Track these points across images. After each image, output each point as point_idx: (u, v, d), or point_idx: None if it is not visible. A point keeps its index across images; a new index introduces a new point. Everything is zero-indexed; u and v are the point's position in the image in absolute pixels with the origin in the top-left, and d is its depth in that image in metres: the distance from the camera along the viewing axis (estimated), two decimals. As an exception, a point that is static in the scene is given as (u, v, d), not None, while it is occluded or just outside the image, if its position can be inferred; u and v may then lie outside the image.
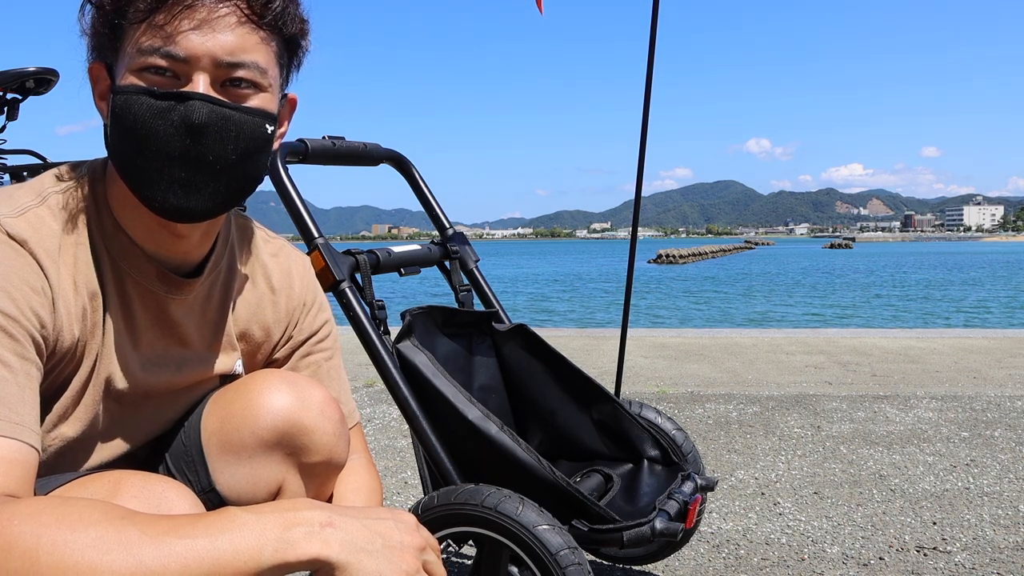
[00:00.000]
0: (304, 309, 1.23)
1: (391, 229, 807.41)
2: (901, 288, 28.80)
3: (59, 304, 0.91)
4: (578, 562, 1.32)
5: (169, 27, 0.89)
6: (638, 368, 4.98)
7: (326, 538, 0.80)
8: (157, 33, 0.89)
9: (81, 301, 0.95)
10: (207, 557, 0.74)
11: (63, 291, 0.92)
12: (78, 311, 0.94)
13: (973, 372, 4.81)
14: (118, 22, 0.90)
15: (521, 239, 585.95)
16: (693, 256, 67.13)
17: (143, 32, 0.89)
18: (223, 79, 0.92)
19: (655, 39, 2.51)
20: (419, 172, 2.03)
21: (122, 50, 0.92)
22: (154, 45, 0.89)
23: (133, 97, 0.90)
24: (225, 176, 0.94)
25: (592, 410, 1.79)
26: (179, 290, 1.05)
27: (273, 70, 0.97)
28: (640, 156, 2.67)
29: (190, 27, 0.89)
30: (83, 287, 0.95)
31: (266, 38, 0.95)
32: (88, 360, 0.97)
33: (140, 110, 0.89)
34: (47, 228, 0.92)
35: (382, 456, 3.17)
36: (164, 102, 0.90)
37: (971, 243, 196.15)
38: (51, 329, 0.91)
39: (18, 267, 0.87)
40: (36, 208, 0.92)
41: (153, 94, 0.89)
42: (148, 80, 0.90)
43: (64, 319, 0.92)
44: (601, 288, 31.46)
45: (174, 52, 0.89)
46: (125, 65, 0.91)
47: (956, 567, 2.09)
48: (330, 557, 0.79)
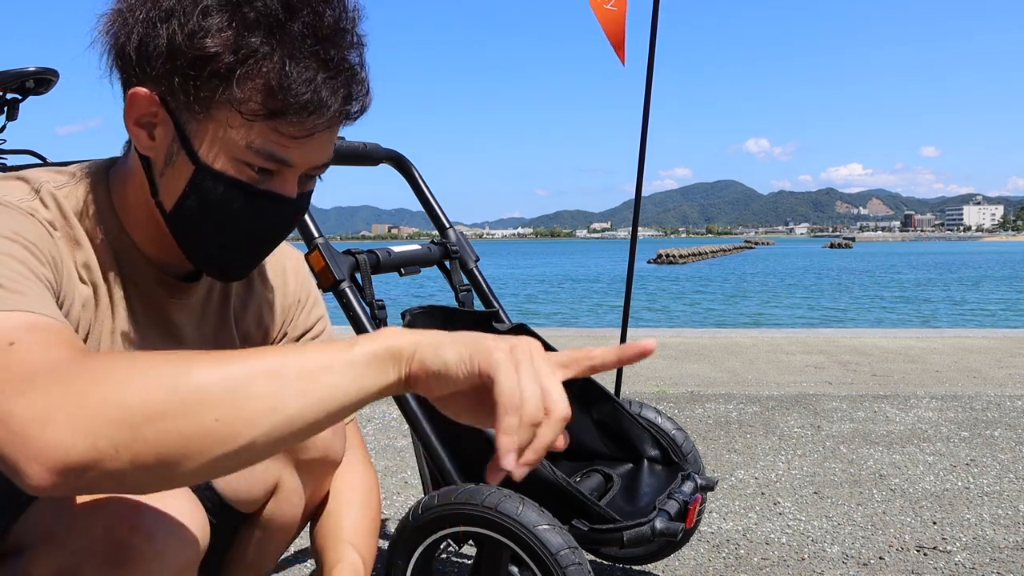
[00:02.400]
0: (299, 306, 1.22)
1: (391, 229, 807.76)
2: (899, 290, 28.79)
3: (67, 273, 0.90)
4: (578, 562, 1.32)
5: (294, 143, 0.87)
6: (638, 368, 4.98)
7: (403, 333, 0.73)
8: (281, 140, 0.87)
9: (86, 290, 0.94)
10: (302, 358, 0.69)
11: (68, 273, 0.91)
12: (82, 297, 0.93)
13: (973, 372, 4.81)
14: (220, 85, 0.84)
15: (521, 239, 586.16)
16: (693, 256, 67.12)
17: (259, 128, 0.86)
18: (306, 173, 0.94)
19: (655, 39, 2.51)
20: (419, 172, 2.03)
21: (218, 122, 0.86)
22: (270, 151, 0.87)
23: (229, 188, 0.89)
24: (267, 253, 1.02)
25: (592, 410, 1.79)
26: (180, 293, 1.04)
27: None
28: (640, 156, 2.67)
29: (309, 144, 0.88)
30: (87, 278, 0.94)
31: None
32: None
33: (231, 199, 0.89)
34: (43, 216, 0.90)
35: (382, 456, 3.17)
36: (260, 203, 0.91)
37: (971, 243, 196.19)
38: (60, 284, 0.88)
39: (32, 225, 0.86)
40: (30, 201, 0.90)
41: (251, 190, 0.90)
42: (246, 173, 0.89)
43: (73, 292, 0.91)
44: (590, 289, 31.42)
45: (290, 161, 0.89)
46: (223, 146, 0.87)
47: (956, 567, 2.09)
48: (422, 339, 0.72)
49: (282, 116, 0.84)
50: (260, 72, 0.83)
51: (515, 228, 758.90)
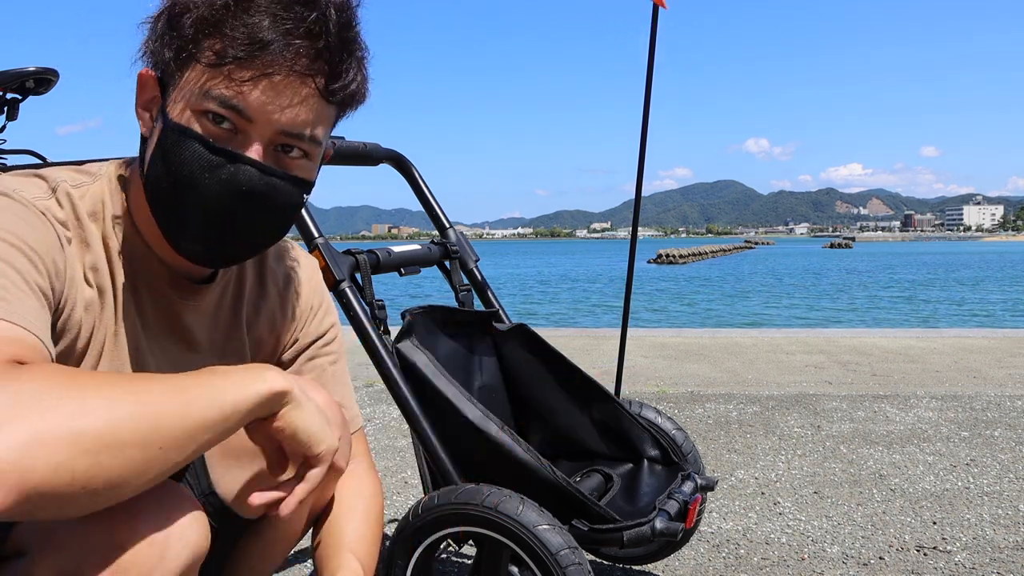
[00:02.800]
0: (312, 312, 1.22)
1: (391, 229, 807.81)
2: (898, 290, 28.76)
3: (72, 276, 0.90)
4: (578, 562, 1.32)
5: (247, 85, 0.87)
6: (638, 368, 4.98)
7: (287, 378, 0.86)
8: (231, 85, 0.87)
9: (90, 292, 0.94)
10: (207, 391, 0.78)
11: (74, 274, 0.91)
12: (86, 298, 0.93)
13: (973, 372, 4.81)
14: (189, 48, 0.88)
15: (521, 239, 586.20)
16: (693, 256, 67.11)
17: (216, 76, 0.87)
18: (277, 144, 0.92)
19: (655, 39, 2.51)
20: (419, 172, 2.03)
21: (184, 78, 0.89)
22: (225, 96, 0.87)
23: (186, 141, 0.88)
24: (254, 237, 0.97)
25: (592, 410, 1.79)
26: (192, 296, 1.04)
27: (327, 139, 0.97)
28: (640, 156, 2.67)
29: (266, 91, 0.87)
30: (93, 281, 0.94)
31: (330, 111, 0.94)
32: (91, 356, 0.96)
33: (190, 156, 0.88)
34: (56, 216, 0.91)
35: (382, 456, 3.17)
36: (216, 157, 0.89)
37: (971, 243, 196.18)
38: (62, 286, 0.89)
39: (40, 224, 0.87)
40: (45, 200, 0.91)
41: (207, 145, 0.88)
42: (205, 127, 0.88)
43: (76, 294, 0.91)
44: (590, 289, 31.40)
45: (243, 110, 0.88)
46: (185, 99, 0.89)
47: (956, 567, 2.09)
48: (294, 392, 0.85)
49: (228, 57, 0.86)
50: (216, 17, 0.87)
51: (515, 228, 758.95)
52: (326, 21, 0.89)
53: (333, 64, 0.90)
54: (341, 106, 0.96)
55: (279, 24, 0.87)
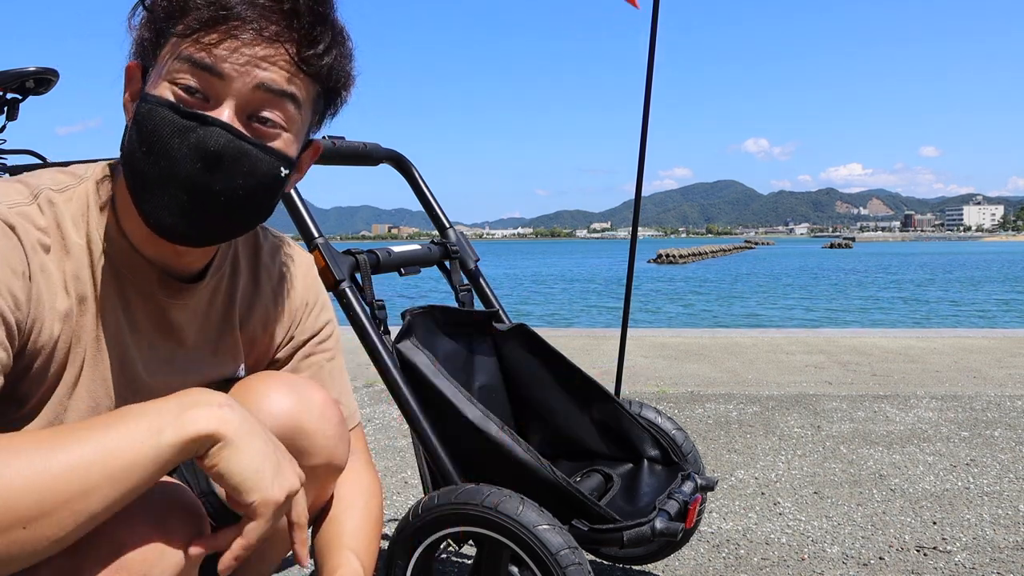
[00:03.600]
0: (306, 309, 1.22)
1: (391, 229, 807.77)
2: (898, 290, 28.73)
3: (40, 294, 0.89)
4: (578, 562, 1.32)
5: (215, 47, 0.87)
6: (638, 368, 4.98)
7: (223, 416, 0.82)
8: (200, 48, 0.88)
9: (67, 302, 0.93)
10: (105, 445, 0.77)
11: (49, 284, 0.90)
12: (61, 310, 0.92)
13: (973, 372, 4.81)
14: (163, 27, 0.89)
15: (521, 239, 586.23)
16: (693, 256, 67.11)
17: (186, 44, 0.88)
18: (250, 113, 0.91)
19: (655, 39, 2.51)
20: (419, 172, 2.03)
21: (160, 56, 0.90)
22: (193, 56, 0.88)
23: (157, 108, 0.88)
24: (227, 210, 0.92)
25: (592, 410, 1.79)
26: (180, 295, 1.04)
27: (305, 115, 0.96)
28: (640, 156, 2.67)
29: (234, 48, 0.88)
30: (72, 289, 0.93)
31: (306, 83, 0.93)
32: (73, 366, 0.95)
33: (161, 123, 0.88)
34: (35, 224, 0.90)
35: (382, 456, 3.17)
36: (186, 121, 0.88)
37: (971, 243, 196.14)
38: (26, 314, 0.88)
39: (5, 244, 0.86)
40: (25, 206, 0.90)
41: (177, 110, 0.88)
42: (177, 96, 0.89)
43: (46, 312, 0.90)
44: (588, 289, 31.36)
45: (212, 66, 0.88)
46: (159, 72, 0.90)
47: (956, 567, 2.09)
48: (225, 433, 0.82)
49: (195, 25, 0.87)
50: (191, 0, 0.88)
51: (515, 228, 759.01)
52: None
53: (304, 31, 0.90)
54: (321, 82, 0.95)
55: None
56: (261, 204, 0.96)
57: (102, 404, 0.99)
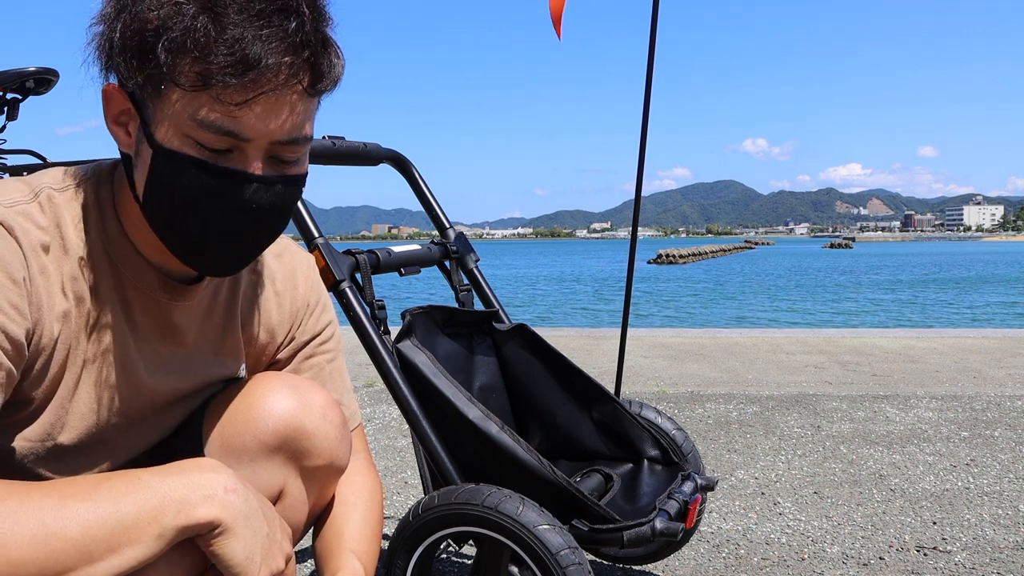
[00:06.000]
0: (308, 310, 1.22)
1: (391, 229, 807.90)
2: (897, 291, 28.67)
3: (40, 297, 0.89)
4: (578, 562, 1.32)
5: (239, 108, 0.84)
6: (638, 368, 4.98)
7: (226, 503, 0.85)
8: (222, 108, 0.84)
9: (65, 304, 0.92)
10: (109, 520, 0.78)
11: (48, 286, 0.90)
12: (59, 311, 0.92)
13: (973, 372, 4.81)
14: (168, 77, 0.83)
15: (521, 239, 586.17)
16: (693, 256, 67.09)
17: (202, 99, 0.84)
18: (274, 154, 0.91)
19: (655, 39, 2.51)
20: (419, 172, 2.03)
21: (165, 99, 0.85)
22: (219, 123, 0.84)
23: (183, 166, 0.86)
24: (261, 243, 0.98)
25: (592, 410, 1.79)
26: (182, 296, 1.04)
27: (313, 129, 0.96)
28: (640, 156, 2.67)
29: (259, 110, 0.85)
30: (70, 290, 0.93)
31: (314, 103, 0.93)
32: (74, 367, 0.95)
33: (190, 183, 0.87)
34: (35, 223, 0.90)
35: (382, 456, 3.17)
36: (219, 180, 0.87)
37: (971, 243, 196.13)
38: (29, 321, 0.88)
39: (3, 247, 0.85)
40: (26, 204, 0.90)
41: (206, 168, 0.86)
42: (199, 149, 0.86)
43: (45, 313, 0.90)
44: (580, 289, 31.31)
45: (239, 133, 0.85)
46: (170, 121, 0.86)
47: (956, 567, 2.09)
48: (226, 521, 0.84)
49: (215, 80, 0.82)
50: (193, 40, 0.82)
51: (515, 228, 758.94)
52: (304, 25, 0.86)
53: (316, 65, 0.89)
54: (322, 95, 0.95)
55: (262, 40, 0.83)
56: (286, 224, 1.00)
57: (104, 406, 0.99)
